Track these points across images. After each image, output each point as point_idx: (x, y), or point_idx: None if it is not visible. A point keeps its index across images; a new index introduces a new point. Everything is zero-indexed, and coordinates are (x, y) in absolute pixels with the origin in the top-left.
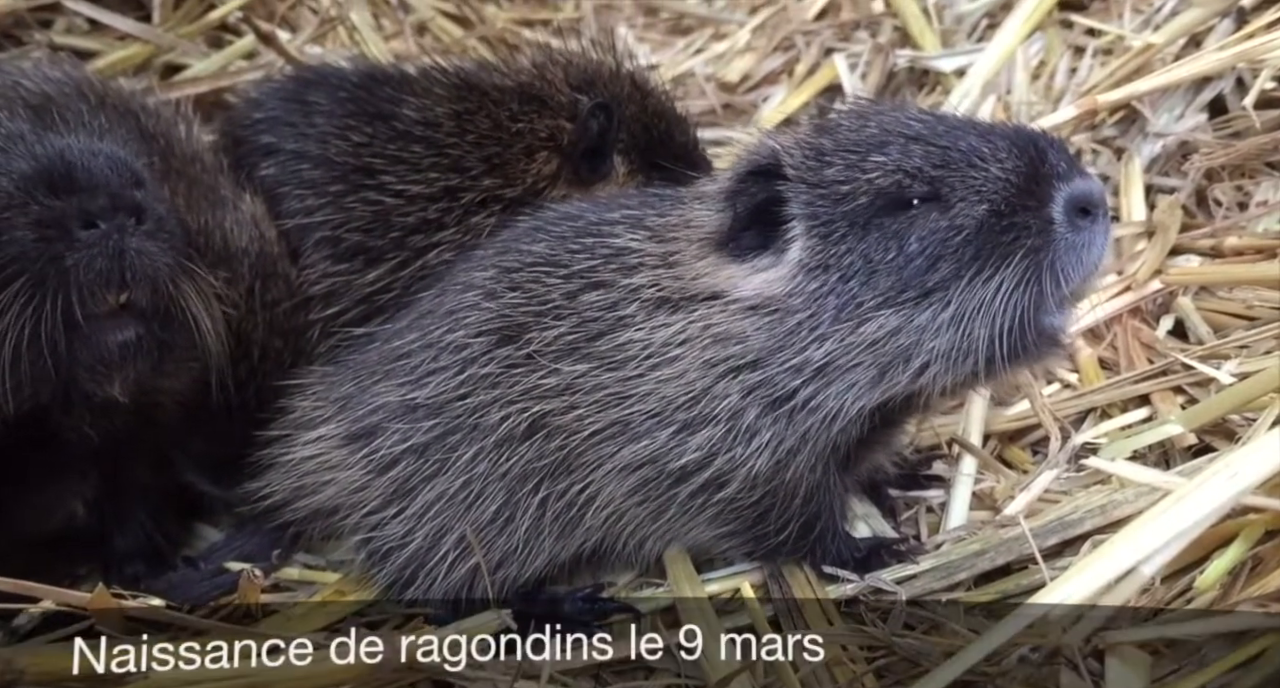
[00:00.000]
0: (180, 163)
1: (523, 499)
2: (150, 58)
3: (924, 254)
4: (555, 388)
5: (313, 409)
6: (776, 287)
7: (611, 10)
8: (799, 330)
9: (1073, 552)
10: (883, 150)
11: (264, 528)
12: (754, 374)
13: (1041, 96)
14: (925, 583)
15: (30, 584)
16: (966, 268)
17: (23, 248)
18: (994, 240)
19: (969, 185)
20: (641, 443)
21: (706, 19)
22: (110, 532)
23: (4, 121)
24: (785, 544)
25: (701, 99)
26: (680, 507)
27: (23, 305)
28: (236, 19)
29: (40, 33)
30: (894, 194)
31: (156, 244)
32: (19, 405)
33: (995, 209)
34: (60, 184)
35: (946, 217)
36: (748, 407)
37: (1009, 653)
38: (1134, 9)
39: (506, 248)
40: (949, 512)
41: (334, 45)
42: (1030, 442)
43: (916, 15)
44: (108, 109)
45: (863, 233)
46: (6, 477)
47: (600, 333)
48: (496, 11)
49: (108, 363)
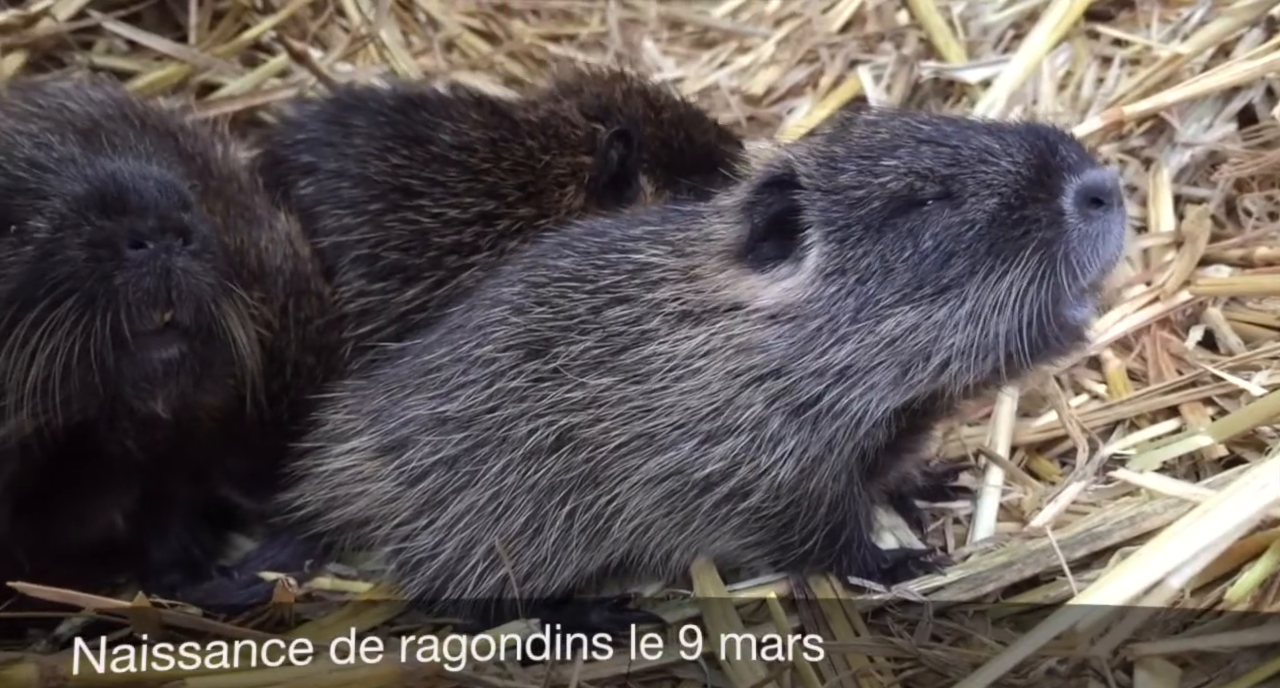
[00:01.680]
0: (217, 182)
1: (550, 511)
2: (187, 77)
3: (938, 250)
4: (581, 401)
5: (345, 422)
6: (795, 294)
7: (636, 24)
8: (818, 335)
9: (1101, 564)
10: (894, 154)
11: (297, 538)
12: (777, 382)
13: (1068, 107)
14: (952, 594)
15: (72, 593)
16: (981, 263)
17: (75, 267)
18: (1006, 234)
19: (979, 181)
20: (666, 455)
21: (731, 32)
22: (148, 542)
23: (56, 145)
24: (810, 554)
25: (726, 112)
26: (705, 517)
27: (74, 322)
28: (270, 38)
29: (81, 54)
30: (906, 196)
31: (201, 264)
32: (67, 419)
33: (1005, 202)
34: (112, 205)
35: (959, 212)
36: (771, 415)
37: (1037, 665)
38: (1162, 19)
39: (534, 263)
40: (976, 523)
41: (364, 63)
42: (1058, 453)
43: (941, 27)
44: (149, 131)
45: (878, 235)
46: (51, 489)
47: (624, 347)
48: (524, 27)
49: (152, 379)
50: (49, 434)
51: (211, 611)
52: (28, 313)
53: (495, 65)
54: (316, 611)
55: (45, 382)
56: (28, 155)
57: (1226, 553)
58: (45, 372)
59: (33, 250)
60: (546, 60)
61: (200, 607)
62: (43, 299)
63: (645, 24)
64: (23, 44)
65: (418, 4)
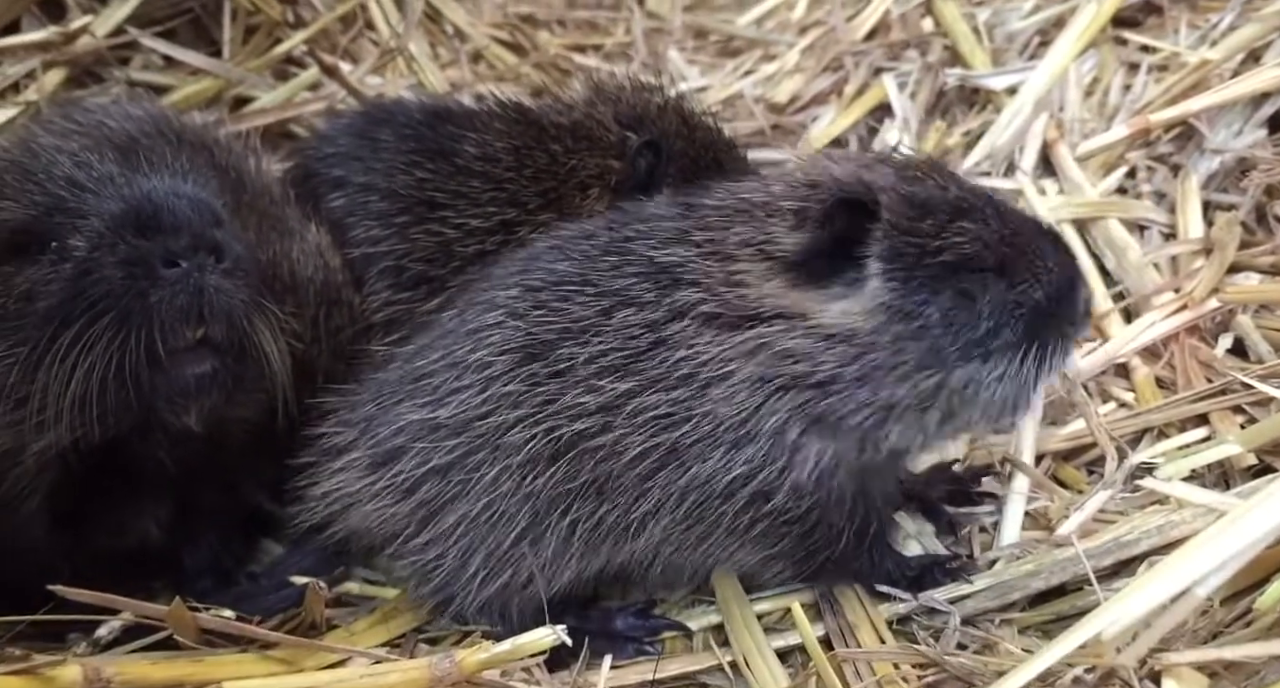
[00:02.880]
0: (250, 196)
1: (551, 521)
2: (221, 91)
3: (991, 319)
4: (588, 408)
5: (336, 435)
6: (858, 320)
7: (661, 34)
8: (879, 370)
9: (1129, 573)
10: (969, 217)
11: (324, 543)
12: (812, 395)
13: (1095, 114)
14: (979, 603)
15: (112, 597)
16: (1023, 339)
17: (111, 285)
18: (1044, 321)
19: (1031, 269)
20: (692, 467)
21: (755, 40)
22: (181, 550)
23: (95, 163)
24: (834, 560)
25: (750, 120)
26: (727, 528)
27: (110, 339)
28: (301, 52)
29: (119, 69)
30: (970, 259)
31: (233, 282)
32: (103, 433)
33: (1049, 295)
34: (147, 224)
35: (1013, 292)
36: (792, 423)
37: (1063, 673)
38: (1190, 25)
39: (528, 267)
40: (1001, 531)
41: (393, 75)
42: (1086, 461)
43: (966, 34)
44: (185, 146)
45: (938, 287)
46: (89, 499)
47: (641, 351)
48: (549, 38)
49: (185, 394)
50: (85, 447)
51: (244, 616)
52: (67, 329)
53: (521, 76)
54: (346, 616)
55: (83, 396)
56: (67, 174)
57: (1255, 562)
58: (83, 387)
59: (71, 268)
60: (572, 71)
61: (234, 612)
62: (80, 316)
63: (670, 33)
64: (63, 60)
65: (445, 16)
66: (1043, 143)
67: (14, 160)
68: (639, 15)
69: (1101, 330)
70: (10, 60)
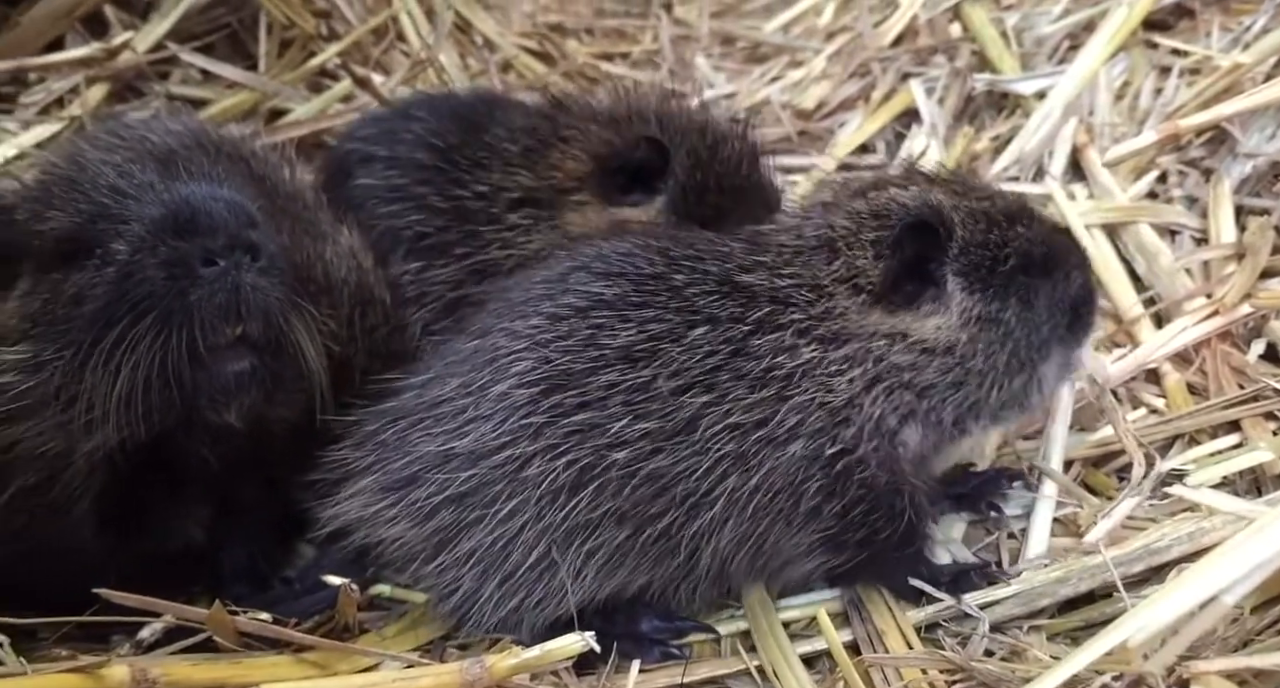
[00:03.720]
0: (285, 201)
1: (570, 550)
2: (257, 104)
3: (1049, 319)
4: (635, 434)
5: (351, 458)
6: (951, 334)
7: (689, 41)
8: (974, 375)
9: (1159, 580)
10: (1020, 222)
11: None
12: (912, 395)
13: (1125, 118)
14: (1007, 609)
15: (154, 600)
16: (1065, 334)
17: (153, 286)
18: (1077, 315)
19: (1064, 268)
20: (766, 466)
21: (783, 47)
22: (220, 555)
23: (137, 173)
24: (881, 551)
25: (777, 126)
26: (787, 519)
27: (152, 338)
28: (334, 65)
29: (159, 84)
30: (1027, 263)
31: (269, 280)
32: (148, 431)
33: (1079, 292)
34: (185, 227)
35: (1056, 291)
36: (889, 415)
37: (1090, 680)
38: (1222, 28)
39: (551, 294)
40: (1029, 538)
41: (424, 85)
42: (1116, 468)
43: (995, 38)
44: (222, 157)
45: (1006, 292)
46: (136, 502)
47: (718, 366)
48: (578, 46)
49: (225, 391)
50: (132, 447)
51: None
52: (111, 331)
53: (550, 85)
54: (377, 621)
55: (128, 396)
56: (111, 183)
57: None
58: (128, 386)
59: (115, 272)
60: (600, 79)
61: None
62: (124, 317)
63: (697, 40)
64: (105, 76)
65: (475, 27)
66: (1072, 147)
67: (61, 173)
68: (666, 22)
69: (1132, 336)
70: (55, 76)
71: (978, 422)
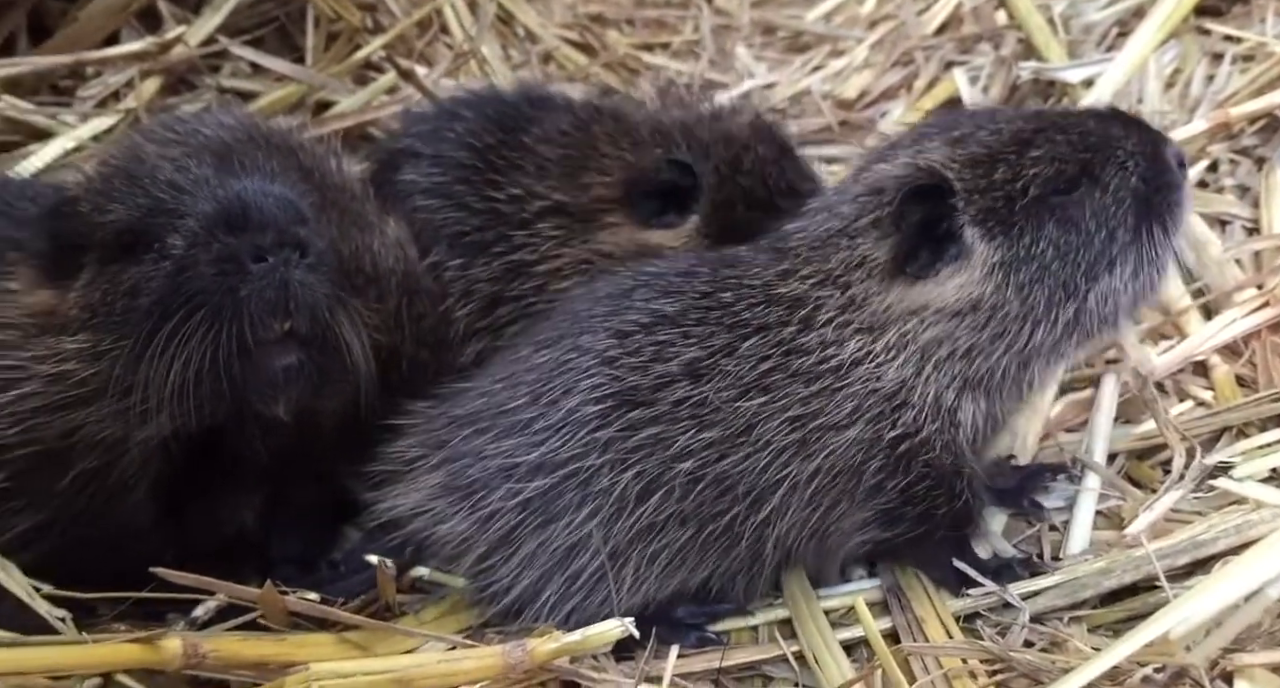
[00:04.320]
0: (332, 193)
1: (632, 555)
2: (304, 97)
3: (1101, 229)
4: (702, 444)
5: (414, 455)
6: (975, 289)
7: (730, 30)
8: (1015, 321)
9: (1204, 573)
10: (1034, 144)
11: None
12: (961, 364)
13: (1176, 106)
14: (1049, 600)
15: (208, 580)
16: (1135, 232)
17: (205, 282)
18: (1148, 202)
19: (1115, 162)
20: (825, 450)
21: (824, 36)
22: (269, 540)
23: (193, 167)
24: (934, 530)
25: (818, 117)
26: (849, 497)
27: (204, 333)
28: (379, 58)
29: (210, 77)
30: (1056, 182)
31: (316, 276)
32: (199, 422)
33: (1142, 177)
34: (236, 223)
35: (1108, 194)
36: (948, 390)
37: (1132, 672)
38: (1277, 14)
39: (617, 309)
40: (1071, 531)
41: (466, 77)
42: (1161, 461)
43: (1041, 26)
44: (274, 150)
45: (1039, 223)
46: (191, 490)
47: (772, 368)
48: (618, 37)
49: (274, 385)
50: (185, 436)
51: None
52: (165, 324)
53: (591, 76)
54: (416, 604)
55: (180, 387)
56: (168, 178)
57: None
58: (180, 378)
59: (170, 266)
60: (640, 70)
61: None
62: (178, 312)
63: (738, 30)
64: (159, 69)
65: (517, 18)
66: None
67: (121, 166)
68: (707, 12)
69: (1180, 328)
70: (111, 70)
71: (1047, 365)
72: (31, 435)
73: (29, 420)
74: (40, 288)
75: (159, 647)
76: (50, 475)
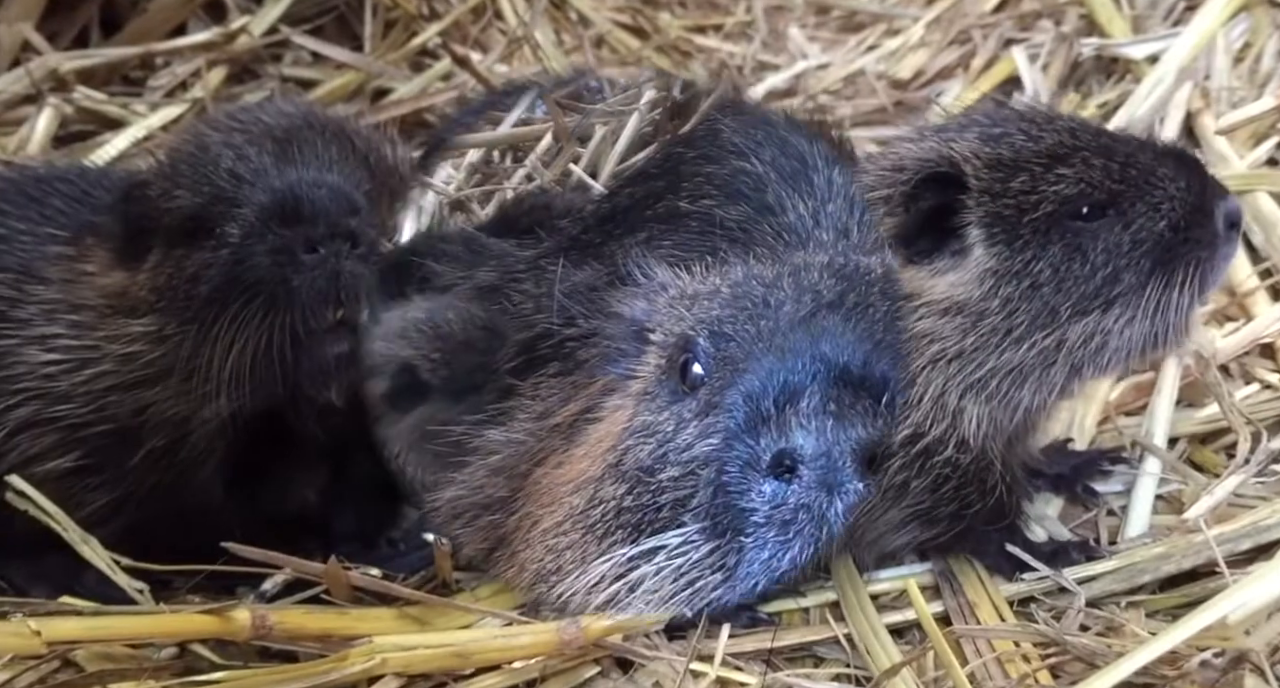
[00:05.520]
0: (383, 175)
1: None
2: (362, 84)
3: (1108, 265)
4: None
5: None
6: (967, 290)
7: (783, 11)
8: (995, 334)
9: (1267, 559)
10: (1066, 163)
11: None
12: (955, 364)
13: (1245, 82)
14: (1105, 585)
15: (276, 555)
16: (1147, 278)
17: (261, 272)
18: (1172, 252)
19: (1148, 201)
20: None
21: (879, 15)
22: (330, 517)
23: (253, 157)
24: (976, 522)
25: (872, 97)
26: (882, 491)
27: (259, 321)
28: (435, 44)
29: (272, 66)
30: (1076, 205)
31: (367, 267)
32: (255, 405)
33: (1173, 224)
34: (289, 214)
35: (1128, 232)
36: (950, 391)
37: (1190, 656)
38: None
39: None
40: (1130, 515)
41: (519, 63)
42: (1225, 445)
43: (1105, 1)
44: (331, 138)
45: (1045, 241)
46: (256, 471)
47: None
48: (670, 20)
49: (325, 372)
50: (244, 417)
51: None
52: (224, 311)
53: (644, 59)
54: (471, 582)
55: (238, 372)
56: (230, 167)
57: None
58: (237, 364)
59: (228, 254)
60: (693, 52)
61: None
62: (235, 300)
63: (791, 10)
64: (224, 59)
65: (569, 3)
66: (1186, 113)
67: (189, 153)
68: None
69: (1246, 309)
70: (179, 60)
71: (1041, 387)
72: (105, 414)
73: (103, 399)
74: (114, 270)
75: (229, 618)
76: (123, 453)
